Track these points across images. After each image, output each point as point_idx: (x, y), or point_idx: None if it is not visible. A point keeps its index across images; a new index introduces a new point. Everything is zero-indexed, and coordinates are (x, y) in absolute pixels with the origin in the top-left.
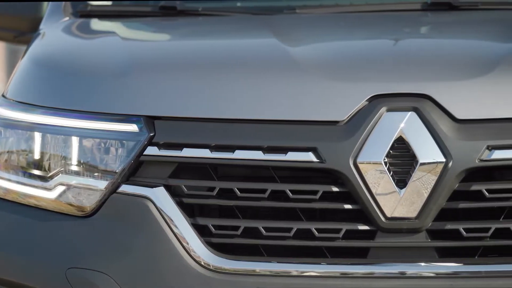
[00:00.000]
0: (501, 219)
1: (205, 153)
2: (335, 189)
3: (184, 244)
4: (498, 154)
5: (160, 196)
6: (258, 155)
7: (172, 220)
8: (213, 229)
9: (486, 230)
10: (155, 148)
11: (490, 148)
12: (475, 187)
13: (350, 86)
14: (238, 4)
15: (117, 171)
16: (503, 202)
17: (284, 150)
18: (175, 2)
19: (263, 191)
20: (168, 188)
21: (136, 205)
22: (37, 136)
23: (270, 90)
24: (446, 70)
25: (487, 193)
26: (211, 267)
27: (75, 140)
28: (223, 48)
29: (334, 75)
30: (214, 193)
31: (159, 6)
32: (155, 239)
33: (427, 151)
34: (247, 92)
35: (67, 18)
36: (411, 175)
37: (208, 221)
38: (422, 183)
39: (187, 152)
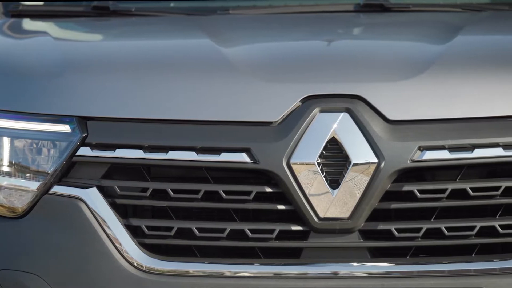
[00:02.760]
0: (432, 219)
1: (138, 153)
2: (268, 189)
3: (117, 245)
4: (429, 155)
5: (93, 197)
6: (191, 155)
7: (104, 221)
8: (146, 230)
9: (418, 230)
10: (88, 148)
11: (421, 148)
12: (407, 187)
13: (283, 87)
14: (172, 4)
15: (49, 172)
16: (434, 203)
17: (217, 151)
18: (108, 2)
19: (197, 191)
20: (101, 189)
21: (69, 206)
22: None
23: (203, 91)
24: (378, 71)
25: (418, 194)
26: (144, 268)
27: (6, 141)
28: (156, 48)
29: (267, 76)
30: (148, 193)
31: (92, 6)
32: (87, 240)
33: (359, 151)
34: (180, 93)
35: None
36: (344, 176)
37: (141, 222)
38: (354, 183)
39: (120, 153)
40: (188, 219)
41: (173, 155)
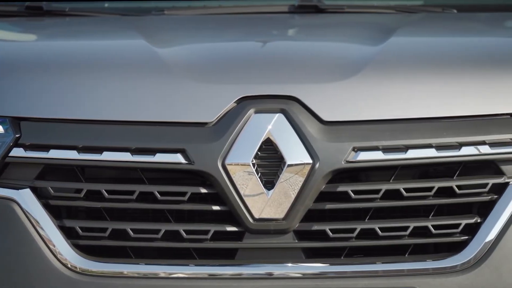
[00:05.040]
0: (366, 220)
1: (72, 154)
2: (203, 190)
3: (51, 246)
4: (363, 156)
5: (26, 198)
6: (126, 156)
7: (38, 222)
8: (80, 231)
9: (352, 230)
10: (21, 149)
11: (355, 149)
12: (341, 188)
13: (218, 87)
14: (106, 5)
15: None
16: (368, 203)
17: (152, 151)
18: (42, 2)
19: (131, 192)
20: (35, 190)
21: (1, 207)
22: None
23: (138, 91)
24: (313, 73)
25: (352, 194)
26: (78, 270)
27: None
28: (91, 49)
29: (202, 76)
30: (82, 194)
31: (25, 6)
32: (20, 242)
33: (294, 152)
34: (115, 94)
35: None
36: (278, 177)
37: (75, 223)
38: (289, 184)
39: (54, 154)
40: (122, 220)
41: (107, 156)
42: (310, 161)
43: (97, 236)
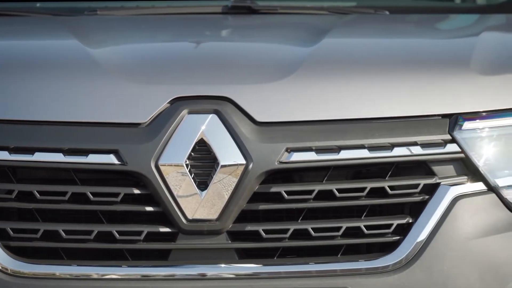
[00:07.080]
0: (299, 220)
1: (3, 155)
2: (136, 191)
3: None
4: (296, 156)
5: None
6: (58, 157)
7: None
8: (12, 233)
9: (285, 231)
10: None
11: (289, 150)
12: (274, 189)
13: (151, 88)
14: (38, 4)
15: None
16: (301, 204)
17: (85, 152)
18: None
19: (64, 193)
20: None
21: None
22: None
23: (70, 91)
24: (247, 73)
25: (286, 195)
26: (9, 271)
27: None
28: (23, 49)
29: (135, 77)
30: (13, 195)
31: None
32: None
33: (228, 153)
34: (47, 94)
35: None
36: (212, 177)
37: (6, 224)
38: (223, 185)
39: None
40: (54, 221)
41: (39, 156)
42: (244, 161)
43: (29, 238)
